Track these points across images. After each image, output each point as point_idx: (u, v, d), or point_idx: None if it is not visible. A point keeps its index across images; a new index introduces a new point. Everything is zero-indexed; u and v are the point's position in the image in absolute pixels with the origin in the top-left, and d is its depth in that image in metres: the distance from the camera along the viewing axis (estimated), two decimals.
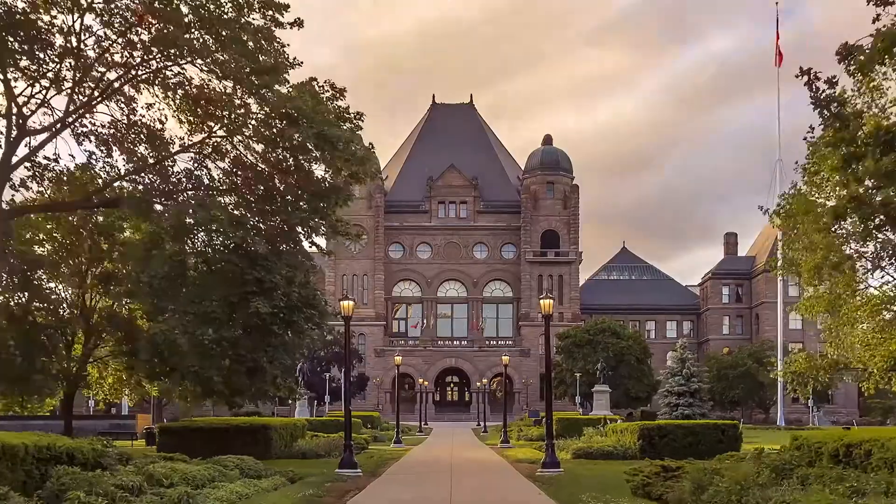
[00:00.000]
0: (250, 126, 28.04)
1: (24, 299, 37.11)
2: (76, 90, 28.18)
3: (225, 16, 27.18)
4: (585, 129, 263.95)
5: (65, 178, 30.88)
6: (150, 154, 28.60)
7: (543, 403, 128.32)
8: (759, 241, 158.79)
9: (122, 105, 28.99)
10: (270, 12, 27.85)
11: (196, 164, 29.40)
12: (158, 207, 28.90)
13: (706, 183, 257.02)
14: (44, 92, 28.42)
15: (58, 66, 27.71)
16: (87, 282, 39.74)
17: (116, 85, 28.69)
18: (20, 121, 28.17)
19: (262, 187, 29.03)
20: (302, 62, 29.65)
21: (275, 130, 27.74)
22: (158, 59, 27.91)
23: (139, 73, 28.18)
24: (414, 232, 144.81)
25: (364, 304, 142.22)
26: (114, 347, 38.71)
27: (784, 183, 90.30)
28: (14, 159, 28.46)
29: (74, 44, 27.41)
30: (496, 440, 60.20)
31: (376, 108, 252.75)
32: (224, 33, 27.01)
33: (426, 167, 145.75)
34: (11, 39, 26.33)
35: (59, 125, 28.58)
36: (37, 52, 27.05)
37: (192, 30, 27.21)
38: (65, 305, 40.90)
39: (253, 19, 28.05)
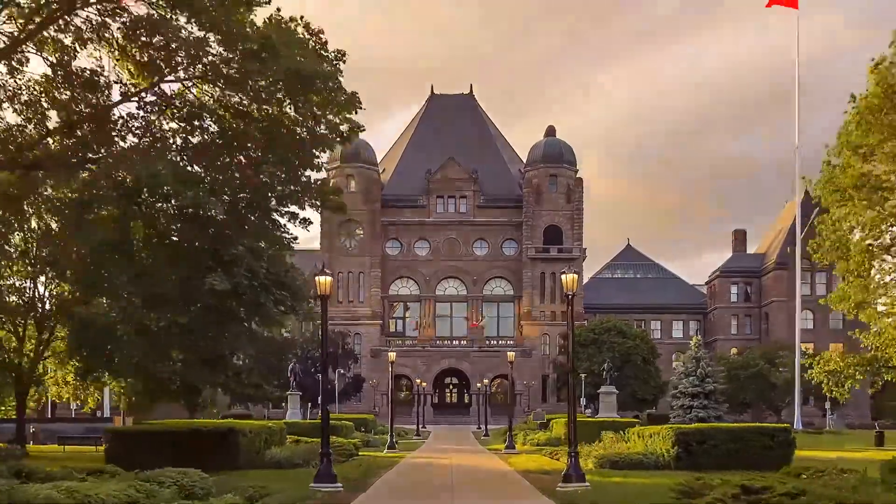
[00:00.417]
0: (207, 64, 22.83)
1: None
2: None
3: None
4: (590, 120, 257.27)
5: None
6: (85, 104, 23.45)
7: (546, 406, 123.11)
8: (768, 238, 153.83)
9: (54, 50, 23.80)
10: None
11: (144, 115, 24.24)
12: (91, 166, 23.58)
13: (714, 178, 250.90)
14: None
15: None
16: (34, 265, 34.47)
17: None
18: None
19: (220, 141, 23.83)
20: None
21: (239, 68, 22.55)
22: None
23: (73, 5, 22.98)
24: (412, 228, 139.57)
25: (360, 303, 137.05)
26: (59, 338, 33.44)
27: (804, 171, 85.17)
28: None
29: None
30: (499, 445, 55.01)
31: (372, 99, 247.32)
32: None
33: (424, 160, 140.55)
34: None
35: None
36: None
37: None
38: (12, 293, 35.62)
39: None
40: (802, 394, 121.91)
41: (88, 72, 23.88)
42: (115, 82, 24.34)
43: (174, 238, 24.76)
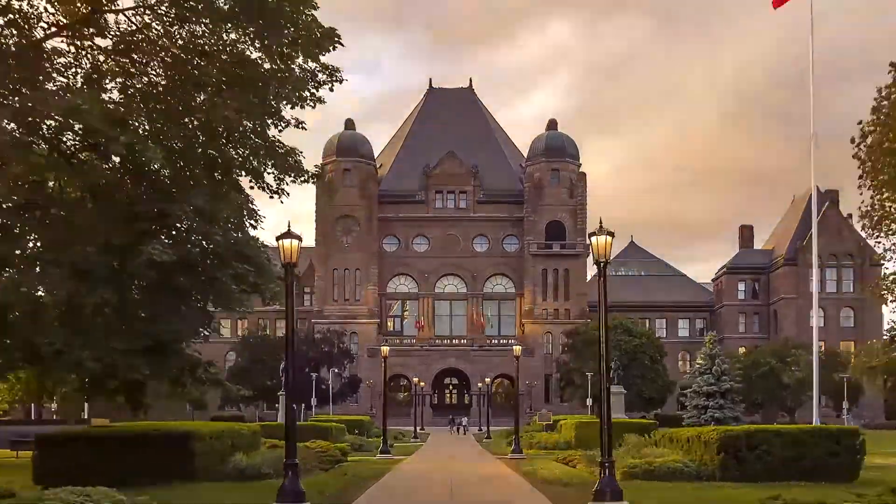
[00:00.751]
0: None
1: None
2: None
3: None
4: (592, 114, 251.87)
5: None
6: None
7: (549, 406, 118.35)
8: (776, 234, 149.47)
9: None
10: None
11: (75, 51, 19.72)
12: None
13: (719, 173, 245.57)
14: None
15: None
16: None
17: None
18: None
19: (168, 84, 19.28)
20: None
21: None
22: None
23: None
24: (410, 223, 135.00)
25: (357, 301, 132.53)
26: None
27: (819, 159, 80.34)
28: None
29: None
30: (504, 449, 50.46)
31: (368, 92, 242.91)
32: None
33: (423, 155, 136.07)
34: None
35: None
36: None
37: None
38: None
39: None
40: (808, 393, 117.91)
41: None
42: (44, 12, 19.89)
43: (106, 195, 20.06)
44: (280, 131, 22.37)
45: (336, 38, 20.42)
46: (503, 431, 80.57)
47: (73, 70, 19.81)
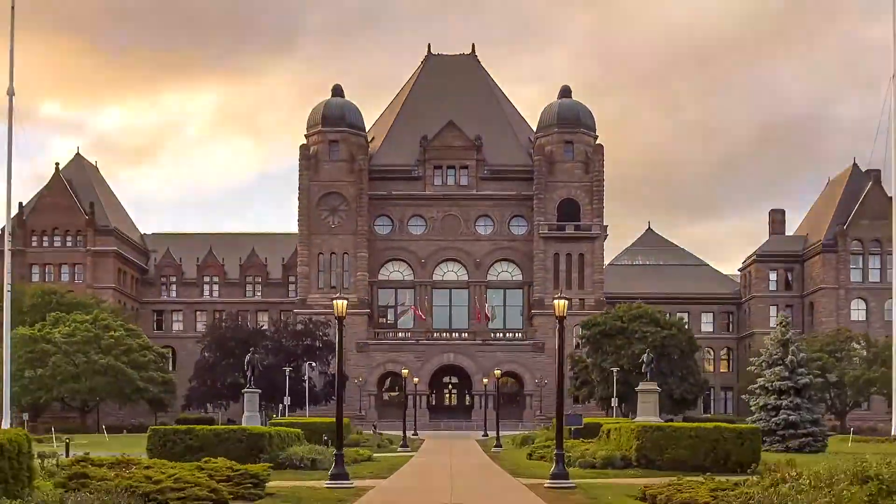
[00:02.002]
0: None
1: None
2: None
3: None
4: (607, 82, 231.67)
5: None
6: None
7: (563, 408, 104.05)
8: (810, 218, 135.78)
9: None
10: None
11: None
12: None
13: (747, 151, 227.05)
14: None
15: None
16: None
17: None
18: None
19: None
20: None
21: None
22: None
23: None
24: (405, 202, 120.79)
25: (345, 289, 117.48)
26: None
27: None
28: None
29: None
30: (527, 465, 35.84)
31: (362, 59, 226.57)
32: None
33: (419, 127, 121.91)
34: None
35: None
36: None
37: None
38: None
39: None
40: (863, 393, 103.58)
41: None
42: None
43: None
44: None
45: None
46: (513, 438, 66.08)
47: None
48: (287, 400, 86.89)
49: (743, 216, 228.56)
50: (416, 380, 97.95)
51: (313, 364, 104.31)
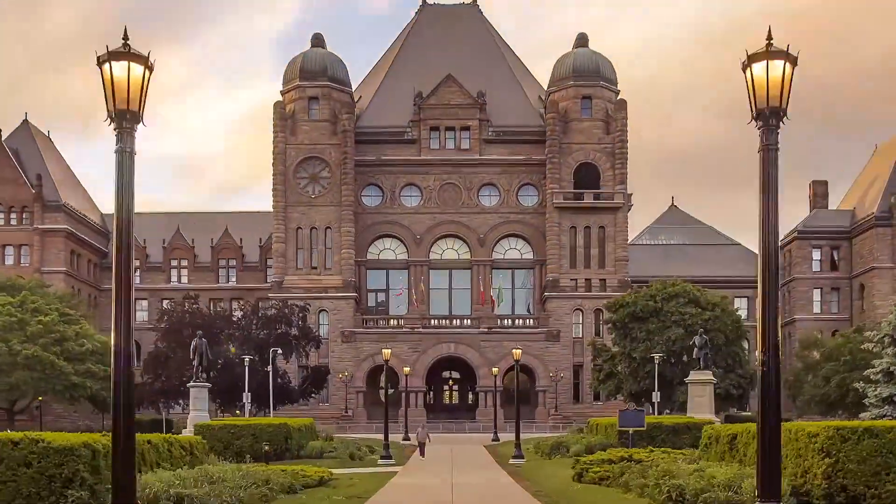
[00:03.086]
0: None
1: None
2: None
3: None
4: (625, 37, 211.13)
5: None
6: None
7: (581, 406, 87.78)
8: (856, 189, 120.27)
9: None
10: None
11: None
12: None
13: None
14: None
15: None
16: None
17: None
18: None
19: None
20: None
21: None
22: None
23: None
24: (397, 169, 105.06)
25: (327, 270, 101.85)
26: None
27: None
28: None
29: None
30: (580, 495, 19.22)
31: (349, 13, 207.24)
32: None
33: (414, 83, 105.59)
34: None
35: None
36: None
37: None
38: None
39: None
40: None
41: None
42: None
43: None
44: None
45: None
46: (535, 443, 49.87)
47: None
48: (247, 397, 70.53)
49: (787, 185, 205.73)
50: (406, 369, 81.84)
51: (289, 356, 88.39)
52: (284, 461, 38.79)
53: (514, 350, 43.19)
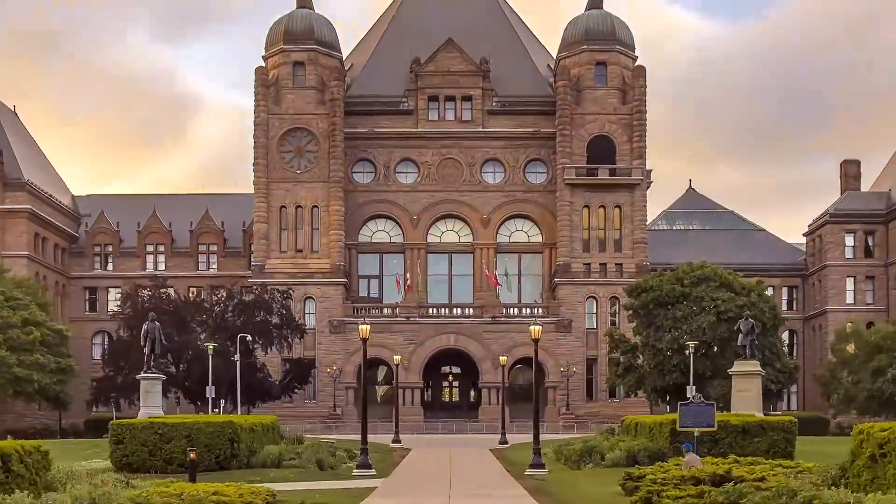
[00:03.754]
0: None
1: None
2: None
3: None
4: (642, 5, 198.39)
5: None
6: None
7: (596, 405, 77.82)
8: (891, 169, 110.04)
9: None
10: None
11: None
12: None
13: (810, 88, 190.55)
14: None
15: None
16: None
17: None
18: None
19: None
20: None
21: None
22: None
23: None
24: (391, 143, 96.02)
25: (314, 253, 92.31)
26: None
27: None
28: None
29: None
30: None
31: None
32: None
33: (410, 47, 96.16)
34: None
35: None
36: None
37: None
38: None
39: None
40: None
41: None
42: None
43: None
44: None
45: None
46: (557, 448, 40.22)
47: None
48: (210, 391, 60.92)
49: (802, 170, 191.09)
50: (396, 357, 72.03)
51: (269, 347, 78.89)
52: (230, 471, 29.12)
53: (532, 327, 33.32)
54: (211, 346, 62.16)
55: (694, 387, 62.76)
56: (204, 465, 28.35)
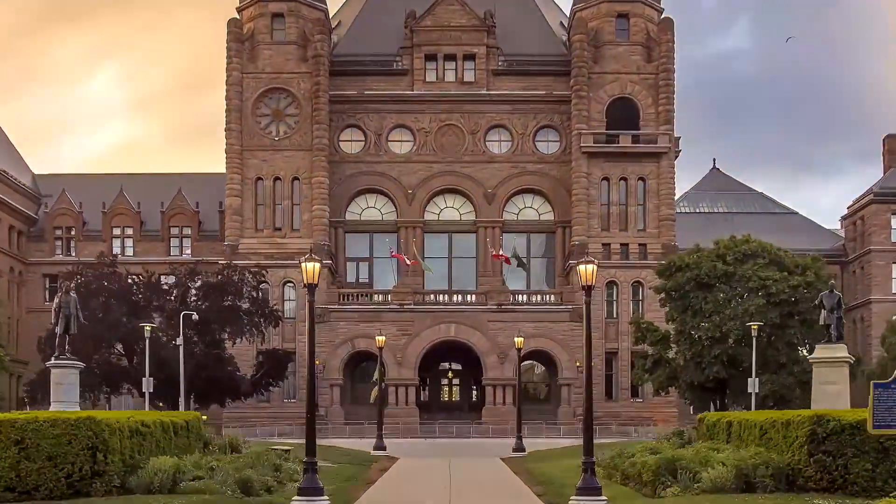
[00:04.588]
0: None
1: None
2: None
3: None
4: None
5: None
6: None
7: (618, 405, 66.33)
8: None
9: None
10: None
11: None
12: None
13: (847, 56, 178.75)
14: None
15: None
16: None
17: None
18: None
19: None
20: None
21: None
22: None
23: None
24: (383, 107, 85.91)
25: (294, 231, 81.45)
26: None
27: None
28: None
29: None
30: None
31: None
32: None
33: (403, 3, 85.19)
34: None
35: None
36: None
37: None
38: None
39: None
40: None
41: None
42: None
43: None
44: None
45: None
46: (573, 455, 28.85)
47: None
48: (147, 384, 49.75)
49: (836, 150, 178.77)
50: (380, 339, 60.82)
51: (238, 336, 67.92)
52: (91, 498, 17.81)
53: (583, 267, 22.10)
54: (148, 328, 50.95)
55: (757, 380, 51.51)
56: (46, 489, 17.10)
